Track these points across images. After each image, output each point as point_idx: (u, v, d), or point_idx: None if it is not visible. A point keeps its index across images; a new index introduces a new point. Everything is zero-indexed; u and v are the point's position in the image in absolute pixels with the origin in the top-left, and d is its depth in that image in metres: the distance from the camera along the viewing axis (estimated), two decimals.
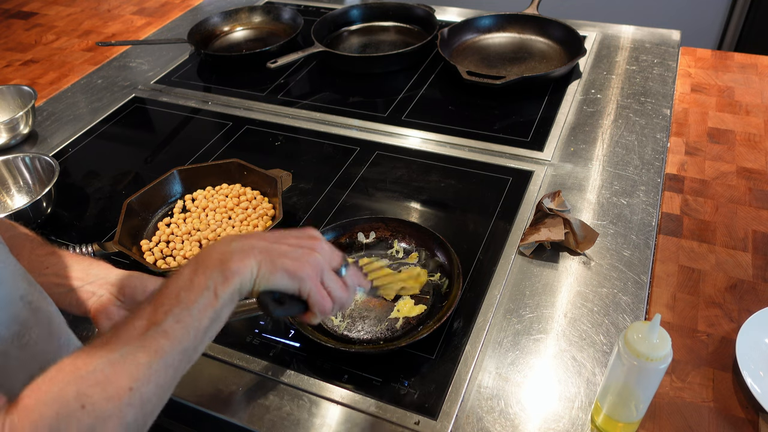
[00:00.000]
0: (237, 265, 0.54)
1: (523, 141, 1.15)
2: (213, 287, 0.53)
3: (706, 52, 1.43)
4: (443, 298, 0.83)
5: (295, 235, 0.61)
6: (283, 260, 0.57)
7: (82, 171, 1.19)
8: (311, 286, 0.58)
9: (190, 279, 0.53)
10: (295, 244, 0.59)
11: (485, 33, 1.48)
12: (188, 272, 0.54)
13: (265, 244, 0.58)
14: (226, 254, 0.55)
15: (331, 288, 0.60)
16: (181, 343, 0.50)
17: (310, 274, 0.58)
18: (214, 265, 0.54)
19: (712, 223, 0.98)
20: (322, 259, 0.60)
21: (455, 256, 0.85)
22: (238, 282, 0.54)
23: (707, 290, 0.87)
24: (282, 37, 1.55)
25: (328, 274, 0.60)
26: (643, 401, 0.65)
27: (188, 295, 0.52)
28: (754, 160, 1.10)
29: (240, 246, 0.56)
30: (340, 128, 1.24)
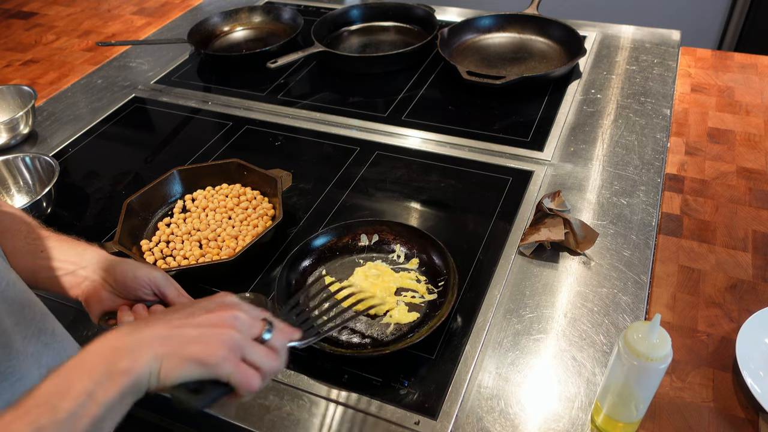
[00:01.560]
0: (128, 364, 0.48)
1: (523, 141, 1.15)
2: (94, 392, 0.46)
3: (706, 52, 1.43)
4: (437, 308, 0.82)
5: (205, 309, 0.54)
6: (190, 348, 0.50)
7: (82, 171, 1.19)
8: (229, 368, 0.51)
9: (68, 380, 0.46)
10: (203, 323, 0.53)
11: (485, 33, 1.48)
12: (69, 371, 0.47)
13: (165, 332, 0.51)
14: (117, 351, 0.48)
15: (256, 361, 0.53)
16: None
17: (225, 356, 0.51)
18: (100, 365, 0.47)
19: (712, 223, 0.98)
20: (238, 335, 0.53)
21: (453, 265, 0.85)
22: (130, 382, 0.47)
23: (707, 290, 0.87)
24: (282, 37, 1.55)
25: (250, 348, 0.53)
26: (643, 401, 0.65)
27: (60, 402, 0.45)
28: (754, 160, 1.10)
29: (134, 340, 0.50)
30: (340, 128, 1.24)
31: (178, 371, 0.49)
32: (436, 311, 0.81)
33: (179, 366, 0.49)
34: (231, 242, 0.93)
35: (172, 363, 0.49)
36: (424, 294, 0.85)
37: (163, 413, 0.80)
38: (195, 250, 0.93)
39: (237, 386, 0.52)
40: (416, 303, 0.84)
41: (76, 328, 0.86)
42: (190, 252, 0.93)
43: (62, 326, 0.67)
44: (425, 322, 0.81)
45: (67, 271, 0.68)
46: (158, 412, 0.80)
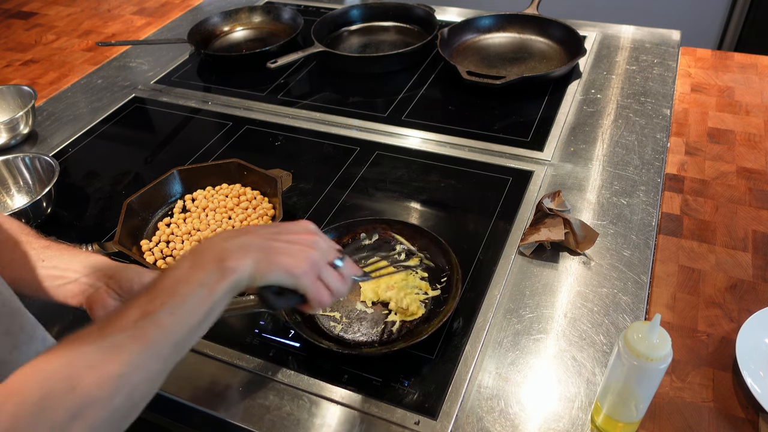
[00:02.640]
0: (234, 263, 0.55)
1: (523, 141, 1.15)
2: (209, 284, 0.53)
3: (706, 52, 1.43)
4: (441, 304, 0.82)
5: (292, 231, 0.62)
6: (280, 258, 0.58)
7: (82, 171, 1.19)
8: (308, 282, 0.59)
9: (186, 273, 0.54)
10: (292, 240, 0.60)
11: (485, 33, 1.48)
12: (185, 266, 0.55)
13: (261, 241, 0.58)
14: (223, 251, 0.56)
15: (329, 282, 0.61)
16: (173, 336, 0.51)
17: (307, 271, 0.59)
18: (211, 262, 0.55)
19: (712, 223, 0.98)
20: (318, 255, 0.60)
21: (456, 261, 0.85)
22: (235, 280, 0.55)
23: (707, 290, 0.87)
24: (282, 37, 1.55)
25: (325, 269, 0.61)
26: (643, 401, 0.65)
27: (184, 289, 0.53)
28: (754, 160, 1.10)
29: (237, 243, 0.57)
30: (340, 128, 1.24)
31: (268, 275, 0.57)
32: (440, 307, 0.82)
33: (270, 271, 0.57)
34: None
35: (264, 267, 0.57)
36: (428, 290, 0.85)
37: (163, 413, 0.80)
38: None
39: (310, 298, 0.60)
40: (421, 300, 0.84)
41: None
42: None
43: (51, 336, 0.67)
44: (430, 318, 0.81)
45: (69, 279, 0.68)
46: (158, 412, 0.80)
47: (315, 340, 0.77)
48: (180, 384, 0.77)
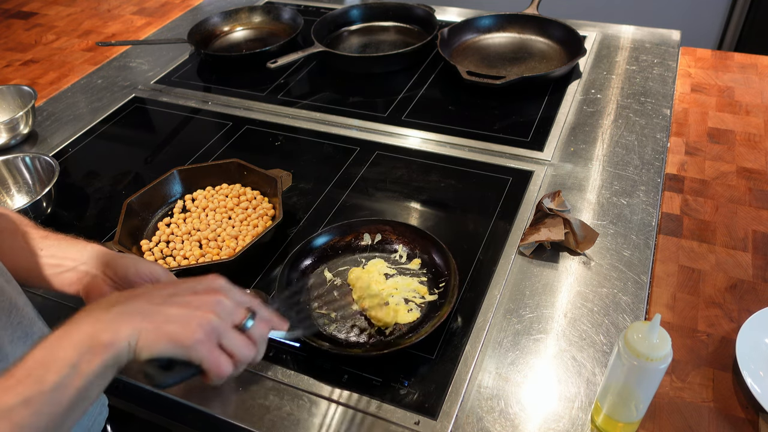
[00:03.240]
0: (109, 336, 0.49)
1: (523, 141, 1.15)
2: (78, 364, 0.47)
3: (706, 52, 1.43)
4: (437, 309, 0.82)
5: (192, 290, 0.55)
6: (168, 327, 0.51)
7: (82, 171, 1.19)
8: (203, 353, 0.52)
9: (53, 352, 0.47)
10: (188, 303, 0.54)
11: (485, 33, 1.48)
12: (54, 341, 0.48)
13: (148, 306, 0.52)
14: (98, 323, 0.50)
15: (232, 348, 0.54)
16: (30, 428, 0.44)
17: (201, 339, 0.52)
18: (83, 337, 0.49)
19: (712, 223, 0.98)
20: (218, 320, 0.54)
21: (454, 266, 0.84)
22: (112, 357, 0.49)
23: (707, 290, 0.87)
24: (282, 37, 1.55)
25: (227, 334, 0.54)
26: (643, 401, 0.65)
27: (45, 374, 0.46)
28: (754, 160, 1.10)
29: (117, 312, 0.51)
30: (340, 128, 1.24)
31: (153, 347, 0.51)
32: (436, 312, 0.81)
33: (155, 342, 0.51)
34: (231, 242, 0.93)
35: (149, 338, 0.50)
36: (425, 294, 0.85)
37: (162, 413, 0.80)
38: (195, 250, 0.93)
39: (207, 370, 0.53)
40: (417, 303, 0.84)
41: None
42: (190, 252, 0.93)
43: (50, 329, 0.67)
44: (425, 322, 0.81)
45: (67, 267, 0.68)
46: (158, 412, 0.80)
47: (316, 343, 0.77)
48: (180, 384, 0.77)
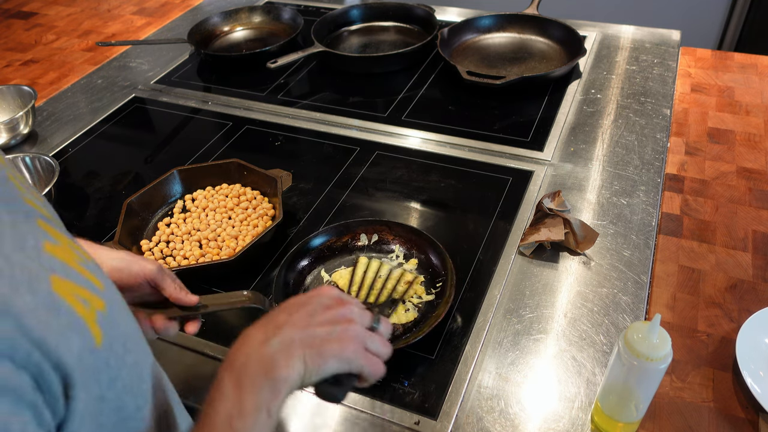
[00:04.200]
0: (284, 371, 0.50)
1: (523, 141, 1.15)
2: (265, 406, 0.49)
3: (706, 52, 1.43)
4: (435, 308, 0.82)
5: (322, 306, 0.57)
6: (328, 347, 0.53)
7: (82, 171, 1.19)
8: (362, 361, 0.54)
9: (237, 401, 0.49)
10: (329, 320, 0.55)
11: (485, 33, 1.48)
12: (229, 390, 0.49)
13: (302, 333, 0.53)
14: (267, 359, 0.51)
15: (376, 350, 0.57)
16: None
17: (357, 350, 0.54)
18: (259, 378, 0.50)
19: (712, 223, 0.98)
20: (360, 328, 0.56)
21: (451, 266, 0.85)
22: (289, 387, 0.51)
23: (707, 290, 0.87)
24: (282, 37, 1.55)
25: (370, 339, 0.56)
26: (643, 401, 0.65)
27: (242, 424, 0.48)
28: (754, 160, 1.10)
29: (279, 344, 0.52)
30: (340, 128, 1.24)
31: (321, 369, 0.52)
32: (433, 311, 0.81)
33: (322, 363, 0.52)
34: (231, 242, 0.93)
35: (315, 362, 0.52)
36: (422, 295, 0.85)
37: None
38: (195, 250, 0.93)
39: (367, 375, 0.55)
40: (414, 303, 0.84)
41: None
42: (190, 252, 0.93)
43: None
44: (422, 322, 0.81)
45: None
46: None
47: None
48: (180, 384, 0.77)
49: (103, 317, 0.39)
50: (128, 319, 0.45)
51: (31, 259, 0.35)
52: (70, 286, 0.37)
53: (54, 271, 0.36)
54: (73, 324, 0.35)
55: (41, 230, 0.39)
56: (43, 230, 0.39)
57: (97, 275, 0.41)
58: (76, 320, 0.36)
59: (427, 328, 0.77)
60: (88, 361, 0.36)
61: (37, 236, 0.38)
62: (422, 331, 0.77)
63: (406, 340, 0.77)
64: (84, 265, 0.40)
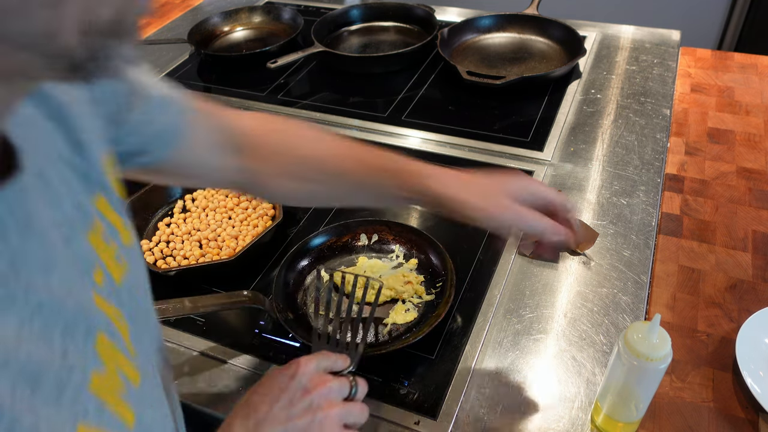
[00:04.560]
0: None
1: (523, 141, 1.15)
2: None
3: (706, 52, 1.43)
4: (434, 308, 0.82)
5: (302, 389, 0.57)
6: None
7: None
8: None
9: None
10: (308, 408, 0.56)
11: (485, 33, 1.48)
12: None
13: (283, 428, 0.55)
14: None
15: (355, 420, 0.59)
16: None
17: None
18: None
19: (712, 223, 0.98)
20: (341, 409, 0.57)
21: (451, 266, 0.85)
22: None
23: (707, 290, 0.87)
24: (282, 37, 1.55)
25: (349, 415, 0.58)
26: (643, 401, 0.65)
27: None
28: (754, 160, 1.10)
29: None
30: (340, 128, 1.24)
31: None
32: (433, 312, 0.81)
33: None
34: (231, 242, 0.93)
35: None
36: (422, 295, 0.85)
37: None
38: (195, 250, 0.93)
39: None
40: (414, 303, 0.84)
41: None
42: (190, 252, 0.93)
43: None
44: (422, 322, 0.81)
45: None
46: None
47: (306, 340, 0.77)
48: (180, 384, 0.77)
49: None
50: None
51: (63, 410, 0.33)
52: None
53: (86, 416, 0.34)
54: None
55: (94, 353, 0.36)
56: (96, 352, 0.36)
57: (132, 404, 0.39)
58: None
59: (427, 328, 0.77)
60: None
61: (86, 369, 0.35)
62: (422, 331, 0.77)
63: (406, 340, 0.77)
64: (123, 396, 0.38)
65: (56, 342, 0.33)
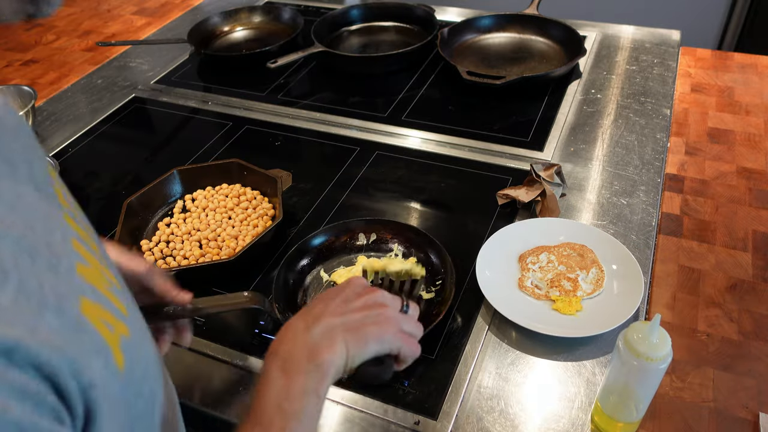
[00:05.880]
0: (328, 356, 0.53)
1: (523, 141, 1.15)
2: (314, 388, 0.51)
3: (706, 52, 1.43)
4: (434, 307, 0.82)
5: (356, 293, 0.59)
6: (367, 330, 0.56)
7: (82, 171, 1.19)
8: (400, 342, 0.57)
9: (284, 385, 0.51)
10: (364, 305, 0.58)
11: (485, 33, 1.48)
12: (277, 375, 0.52)
13: (340, 319, 0.56)
14: (310, 345, 0.53)
15: (411, 331, 0.60)
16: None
17: (395, 332, 0.57)
18: (304, 363, 0.52)
19: (712, 223, 0.98)
20: (394, 311, 0.59)
21: (451, 264, 0.85)
22: (335, 371, 0.53)
23: (707, 290, 0.87)
24: (282, 37, 1.55)
25: (404, 321, 0.59)
26: (643, 401, 0.65)
27: (293, 405, 0.50)
28: (754, 160, 1.10)
29: (320, 331, 0.54)
30: (340, 128, 1.24)
31: (363, 351, 0.55)
32: (433, 310, 0.81)
33: (363, 346, 0.55)
34: (231, 242, 0.93)
35: (357, 346, 0.55)
36: (423, 293, 0.85)
37: None
38: (195, 250, 0.93)
39: (404, 355, 0.58)
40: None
41: None
42: (190, 252, 0.93)
43: None
44: (422, 320, 0.81)
45: None
46: None
47: None
48: (180, 384, 0.77)
49: (127, 343, 0.39)
50: (150, 346, 0.45)
51: (62, 280, 0.35)
52: (98, 310, 0.37)
53: (84, 293, 0.36)
54: (98, 347, 0.35)
55: (75, 252, 0.39)
56: (77, 252, 0.39)
57: (122, 300, 0.41)
58: (101, 343, 0.36)
59: (431, 324, 0.77)
60: (109, 385, 0.36)
61: (71, 258, 0.38)
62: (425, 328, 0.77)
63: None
64: (111, 289, 0.40)
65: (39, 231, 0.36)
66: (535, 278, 0.85)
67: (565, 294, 0.82)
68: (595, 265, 0.86)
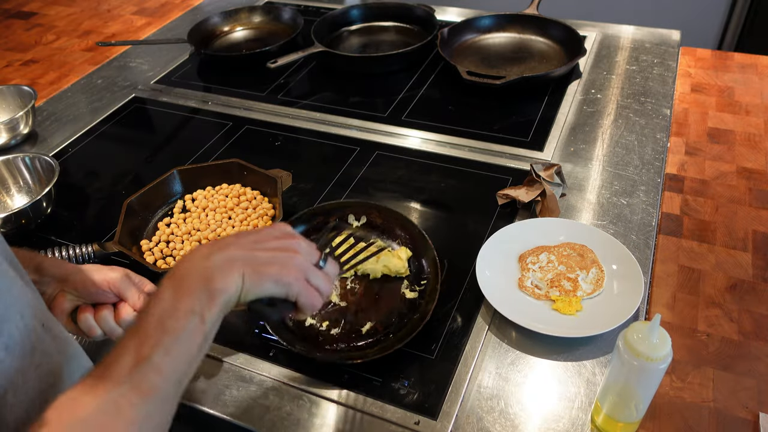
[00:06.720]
0: (221, 282, 0.52)
1: (523, 141, 1.15)
2: (199, 310, 0.50)
3: (706, 52, 1.43)
4: (417, 309, 0.82)
5: (272, 236, 0.59)
6: (268, 269, 0.56)
7: (82, 171, 1.19)
8: (299, 288, 0.57)
9: (171, 303, 0.50)
10: (275, 246, 0.58)
11: (485, 33, 1.48)
12: (168, 294, 0.51)
13: (245, 253, 0.56)
14: (207, 271, 0.53)
15: (317, 284, 0.59)
16: (173, 374, 0.48)
17: (297, 277, 0.57)
18: (196, 285, 0.52)
19: (712, 223, 0.98)
20: (303, 259, 0.59)
21: (437, 263, 0.85)
22: (225, 300, 0.53)
23: (707, 290, 0.87)
24: (282, 37, 1.55)
25: (313, 273, 0.59)
26: (643, 401, 0.65)
27: (174, 323, 0.49)
28: (754, 160, 1.10)
29: (221, 260, 0.54)
30: (340, 128, 1.24)
31: (258, 287, 0.55)
32: (415, 313, 0.81)
33: (259, 283, 0.55)
34: None
35: (253, 280, 0.54)
36: (406, 292, 0.85)
37: None
38: None
39: (302, 304, 0.58)
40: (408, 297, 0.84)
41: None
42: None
43: None
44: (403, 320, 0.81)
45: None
46: None
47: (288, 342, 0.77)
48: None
49: None
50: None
51: None
52: None
53: None
54: None
55: None
56: None
57: None
58: None
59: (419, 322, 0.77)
60: None
61: None
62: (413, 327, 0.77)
63: (400, 339, 0.76)
64: None
65: None
66: (535, 278, 0.85)
67: (565, 294, 0.82)
68: (595, 265, 0.86)
